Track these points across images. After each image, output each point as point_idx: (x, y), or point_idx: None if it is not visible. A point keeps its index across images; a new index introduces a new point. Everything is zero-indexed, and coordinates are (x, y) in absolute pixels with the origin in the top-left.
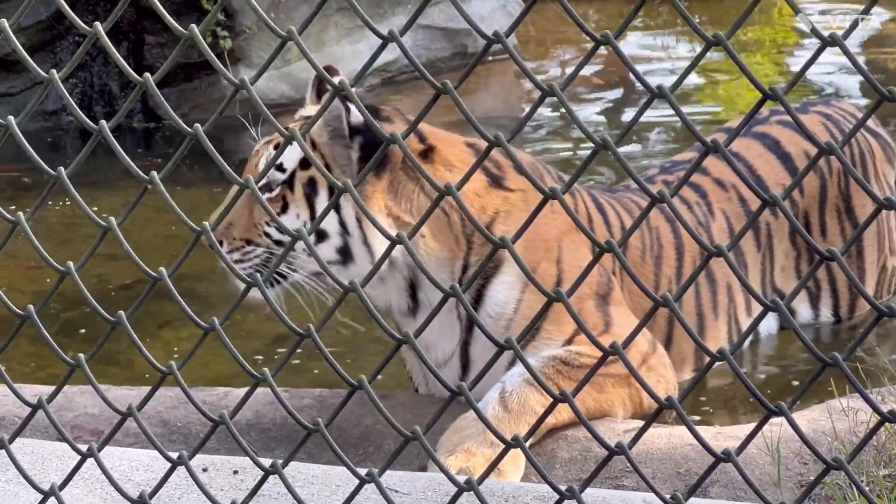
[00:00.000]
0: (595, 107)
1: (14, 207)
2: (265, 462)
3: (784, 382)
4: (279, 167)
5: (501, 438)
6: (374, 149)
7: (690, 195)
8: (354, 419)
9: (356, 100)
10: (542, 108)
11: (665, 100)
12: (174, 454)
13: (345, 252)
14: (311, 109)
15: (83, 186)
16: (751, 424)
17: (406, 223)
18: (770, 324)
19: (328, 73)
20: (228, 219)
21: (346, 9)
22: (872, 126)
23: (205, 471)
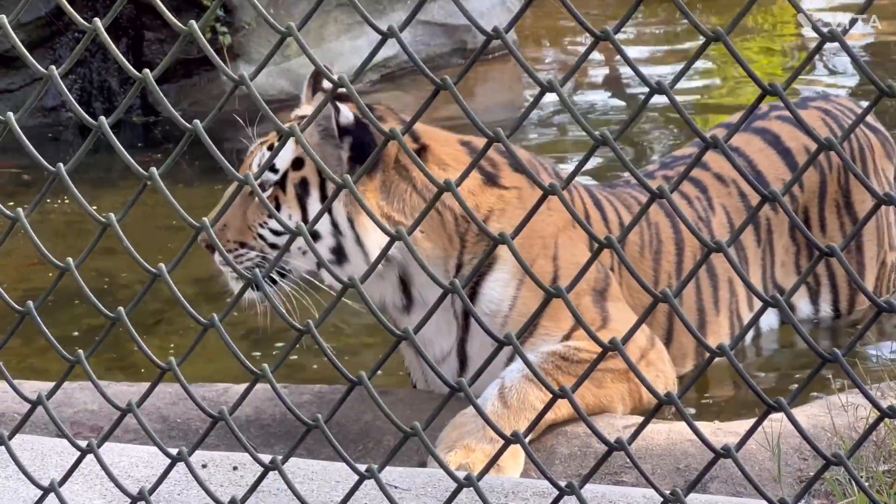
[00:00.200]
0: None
1: (13, 204)
2: (265, 458)
3: (784, 378)
4: (272, 168)
5: (501, 434)
6: (364, 149)
7: (690, 190)
8: (354, 415)
9: (355, 95)
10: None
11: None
12: (174, 450)
13: (338, 252)
14: (307, 109)
15: (83, 183)
16: (750, 420)
17: (398, 223)
18: (771, 319)
19: (321, 76)
20: (223, 220)
21: (346, 5)
22: (871, 122)
23: (204, 467)
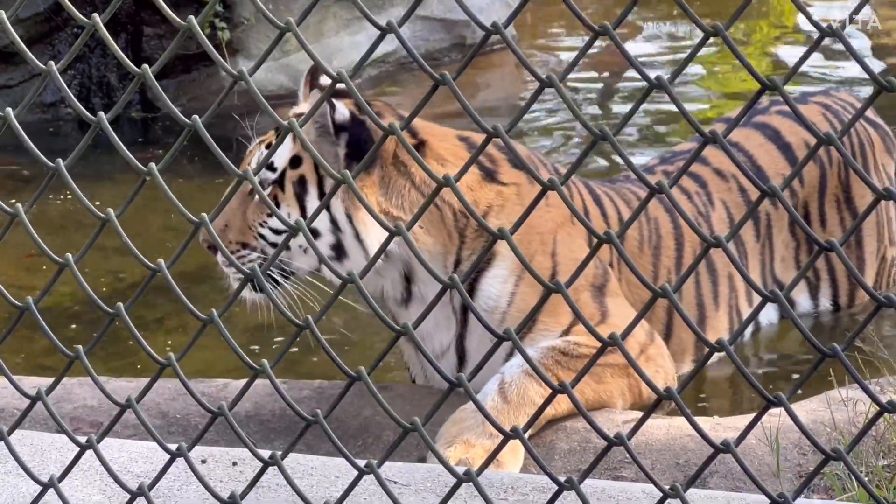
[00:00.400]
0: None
1: (14, 200)
2: (264, 453)
3: (783, 373)
4: (270, 166)
5: (500, 429)
6: (360, 146)
7: (690, 185)
8: (353, 410)
9: (354, 90)
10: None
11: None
12: (173, 446)
13: (338, 249)
14: (304, 107)
15: (82, 178)
16: (750, 415)
17: (397, 218)
18: (770, 314)
19: (318, 73)
20: (224, 220)
21: (345, 0)
22: (872, 116)
23: (204, 462)
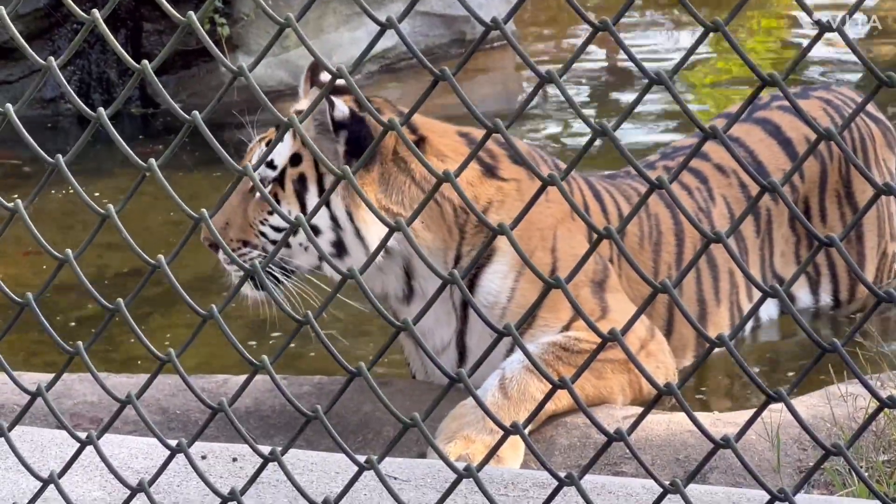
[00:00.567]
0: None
1: (15, 196)
2: (264, 449)
3: (784, 368)
4: (270, 164)
5: (500, 425)
6: (360, 143)
7: (691, 181)
8: (353, 406)
9: (353, 86)
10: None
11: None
12: (173, 442)
13: (338, 246)
14: (304, 104)
15: (82, 174)
16: (750, 410)
17: (397, 214)
18: (771, 309)
19: (318, 69)
20: (224, 217)
21: None
22: (872, 111)
23: (204, 458)
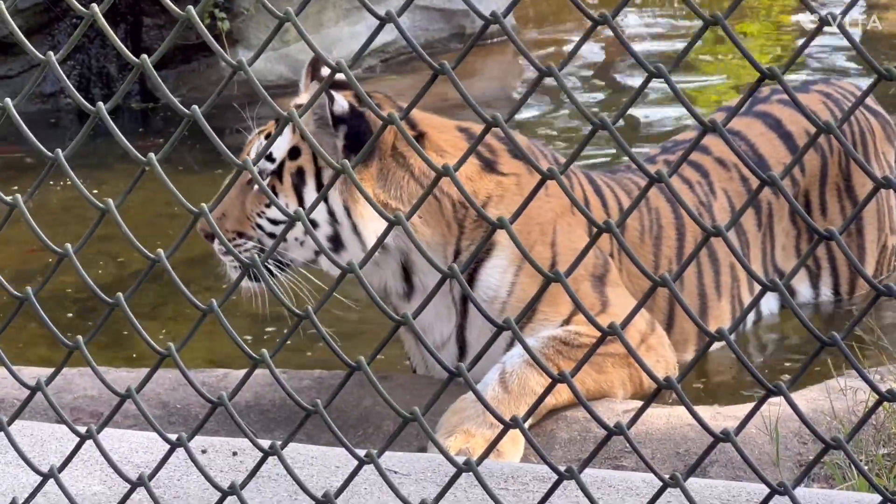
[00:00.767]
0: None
1: (17, 189)
2: (264, 443)
3: (784, 362)
4: (269, 157)
5: (500, 419)
6: (359, 137)
7: (692, 175)
8: (353, 400)
9: (353, 80)
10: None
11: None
12: (173, 436)
13: (335, 240)
14: (305, 97)
15: (82, 169)
16: (750, 404)
17: (395, 210)
18: (771, 303)
19: (319, 64)
20: (221, 209)
21: None
22: (872, 105)
23: (204, 452)
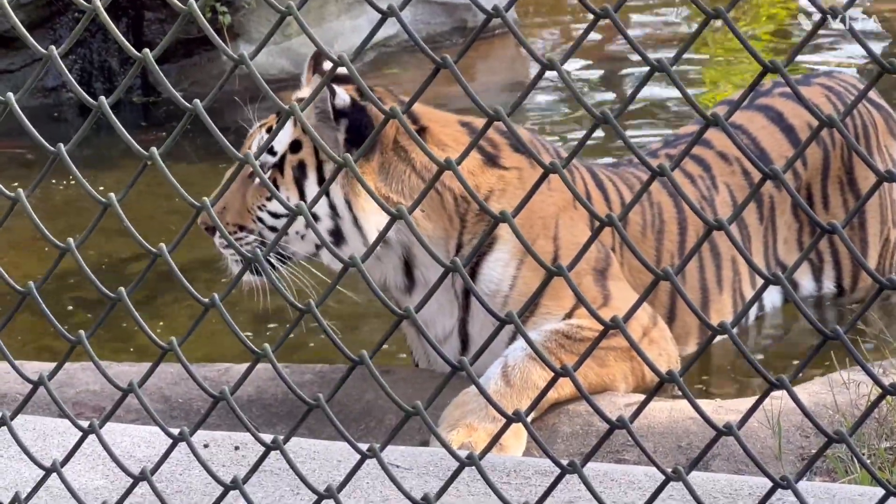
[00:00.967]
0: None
1: (17, 185)
2: (266, 438)
3: (786, 355)
4: (270, 150)
5: (503, 413)
6: (360, 131)
7: (694, 169)
8: (356, 394)
9: (355, 74)
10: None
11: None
12: (175, 430)
13: (336, 234)
14: (307, 91)
15: (84, 163)
16: (752, 398)
17: (397, 204)
18: (774, 297)
19: (321, 58)
20: (222, 203)
21: None
22: (875, 98)
23: (206, 447)
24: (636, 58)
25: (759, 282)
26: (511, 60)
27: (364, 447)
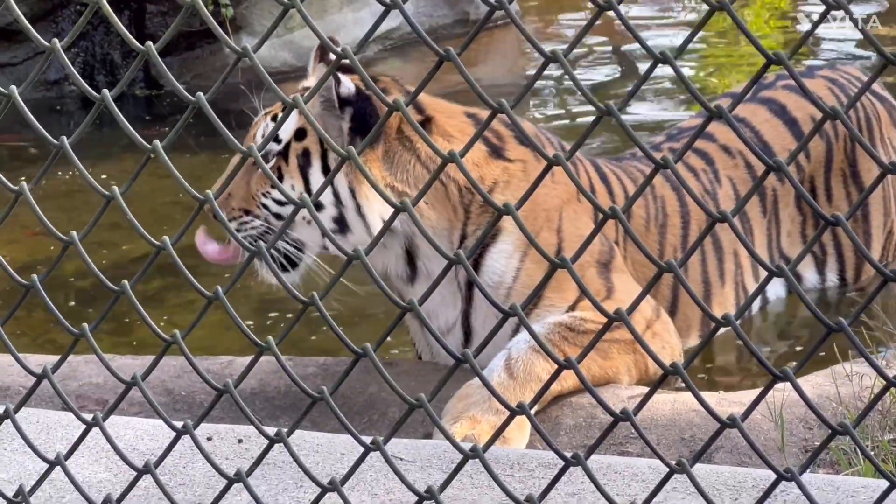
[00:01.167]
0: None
1: (22, 179)
2: (270, 430)
3: (790, 347)
4: (275, 138)
5: (506, 405)
6: (365, 120)
7: (697, 162)
8: (359, 387)
9: (358, 66)
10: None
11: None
12: (179, 423)
13: (340, 222)
14: (312, 81)
15: (87, 156)
16: (756, 390)
17: (402, 193)
18: (777, 289)
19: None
20: (227, 189)
21: None
22: (879, 90)
23: (209, 440)
24: (648, 31)
25: (762, 274)
26: (514, 52)
27: (367, 440)
